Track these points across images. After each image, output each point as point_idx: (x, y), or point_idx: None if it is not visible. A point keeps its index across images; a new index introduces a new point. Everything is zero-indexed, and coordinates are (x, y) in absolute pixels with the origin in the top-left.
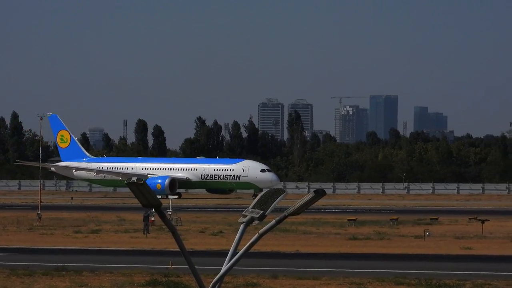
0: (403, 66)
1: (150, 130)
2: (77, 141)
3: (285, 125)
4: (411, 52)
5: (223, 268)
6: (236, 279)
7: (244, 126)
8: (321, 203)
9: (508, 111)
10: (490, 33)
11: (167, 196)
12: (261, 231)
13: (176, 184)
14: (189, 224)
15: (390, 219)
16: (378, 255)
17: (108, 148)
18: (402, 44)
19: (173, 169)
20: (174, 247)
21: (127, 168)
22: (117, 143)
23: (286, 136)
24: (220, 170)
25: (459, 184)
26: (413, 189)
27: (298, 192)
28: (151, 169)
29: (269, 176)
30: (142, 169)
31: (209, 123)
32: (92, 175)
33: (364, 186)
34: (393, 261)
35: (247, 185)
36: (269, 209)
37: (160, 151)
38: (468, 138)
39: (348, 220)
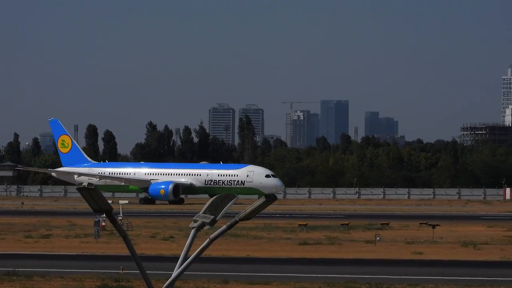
0: (354, 71)
1: (100, 135)
2: (78, 146)
3: (236, 130)
4: (362, 57)
5: (174, 273)
6: (187, 284)
7: (195, 131)
8: (272, 208)
9: (459, 116)
10: (440, 37)
11: (169, 202)
12: (212, 236)
13: (179, 190)
14: (140, 229)
15: (341, 224)
16: (328, 260)
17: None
18: (353, 49)
19: (176, 174)
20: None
21: (129, 174)
22: None
23: (237, 141)
24: (224, 175)
25: (410, 189)
26: (364, 194)
27: (249, 198)
28: (154, 174)
29: (274, 181)
30: (145, 174)
31: (160, 128)
32: (94, 180)
33: (315, 191)
34: (344, 266)
35: (252, 190)
36: (220, 214)
37: (111, 156)
38: (419, 143)
39: (299, 225)
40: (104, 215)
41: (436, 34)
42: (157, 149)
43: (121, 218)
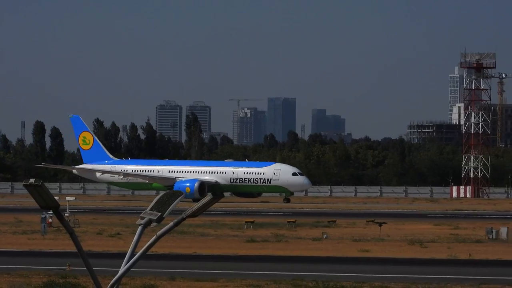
0: (301, 69)
1: (48, 132)
2: (100, 143)
3: (183, 127)
4: (309, 55)
5: (121, 270)
6: (133, 280)
7: (142, 128)
8: (219, 205)
9: (406, 114)
10: (388, 35)
11: (192, 200)
12: (159, 233)
13: (205, 188)
14: (87, 225)
15: (288, 222)
16: (275, 257)
17: (5, 150)
18: (299, 46)
19: (201, 172)
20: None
21: (153, 171)
22: (15, 145)
23: (184, 138)
24: (250, 173)
25: (357, 186)
26: (311, 192)
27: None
28: (178, 172)
29: (301, 179)
30: (169, 171)
31: (107, 125)
32: (116, 177)
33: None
34: (291, 263)
35: (278, 188)
36: (167, 211)
37: (58, 153)
38: (366, 141)
39: (246, 222)
40: (51, 212)
41: (384, 32)
42: (104, 146)
43: (68, 214)
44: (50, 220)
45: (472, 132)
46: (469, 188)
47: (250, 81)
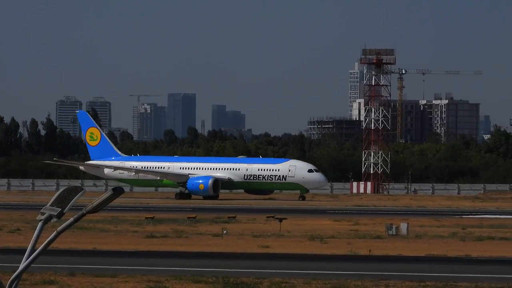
0: (201, 64)
1: None
2: (108, 139)
3: None
4: (208, 50)
5: (21, 266)
6: (33, 276)
7: (42, 124)
8: (119, 201)
9: (306, 110)
10: (288, 30)
11: (204, 197)
12: (59, 228)
13: (219, 185)
14: None
15: (188, 217)
16: (175, 253)
17: None
18: (199, 41)
19: (213, 168)
20: None
21: (164, 168)
22: None
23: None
24: (264, 170)
25: None
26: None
27: (96, 190)
28: (191, 168)
29: (317, 176)
30: (180, 168)
31: (7, 120)
32: (125, 174)
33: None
34: (191, 259)
35: (294, 185)
36: (67, 207)
37: None
38: (266, 137)
39: (146, 218)
40: None
41: (284, 28)
42: (4, 141)
43: None
44: None
45: (372, 128)
46: (369, 183)
47: (150, 76)
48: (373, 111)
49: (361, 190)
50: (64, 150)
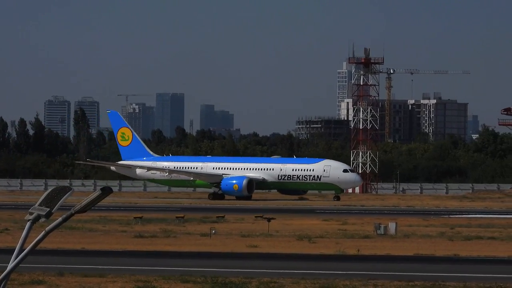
0: (189, 64)
1: None
2: (139, 139)
3: (72, 123)
4: (196, 50)
5: (9, 266)
6: (22, 276)
7: (30, 124)
8: (107, 201)
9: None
10: (275, 31)
11: (236, 198)
12: (47, 228)
13: (253, 185)
14: None
15: (176, 217)
16: (164, 253)
17: None
18: (187, 41)
19: (246, 169)
20: None
21: (196, 168)
22: None
23: (72, 133)
24: (299, 170)
25: None
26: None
27: (84, 190)
28: (224, 168)
29: (352, 176)
30: (213, 168)
31: None
32: (157, 174)
33: (150, 184)
34: (179, 258)
35: (329, 186)
36: (56, 207)
37: None
38: (255, 136)
39: (134, 217)
40: None
41: (272, 27)
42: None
43: None
44: None
45: (361, 128)
46: None
47: (138, 76)
48: (361, 110)
49: (350, 190)
50: (53, 150)
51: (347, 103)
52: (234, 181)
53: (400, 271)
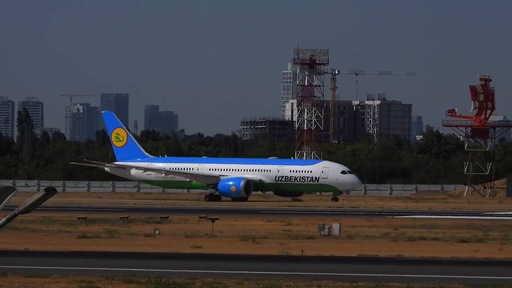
0: (133, 65)
1: None
2: (134, 140)
3: (15, 123)
4: (141, 51)
5: None
6: None
7: None
8: (51, 201)
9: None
10: (220, 31)
11: (232, 199)
12: None
13: (251, 186)
14: None
15: (120, 218)
16: (108, 253)
17: None
18: (131, 42)
19: (243, 170)
20: None
21: (192, 169)
22: None
23: (16, 133)
24: (297, 171)
25: None
26: (143, 188)
27: (28, 190)
28: (220, 170)
29: (351, 178)
30: (209, 169)
31: None
32: (153, 175)
33: (94, 184)
34: (123, 259)
35: (327, 187)
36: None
37: None
38: (199, 137)
39: (78, 218)
40: None
41: (216, 27)
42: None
43: None
44: None
45: (305, 129)
46: None
47: (82, 76)
48: (305, 111)
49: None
50: None
51: (292, 104)
52: (231, 183)
53: (344, 271)
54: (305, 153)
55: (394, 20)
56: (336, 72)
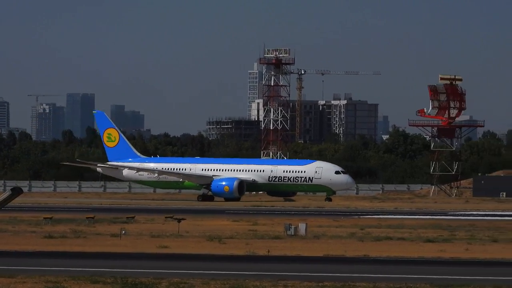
0: (99, 64)
1: None
2: (126, 140)
3: None
4: (107, 50)
5: None
6: None
7: None
8: (17, 201)
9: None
10: (186, 31)
11: (225, 199)
12: None
13: (244, 187)
14: None
15: (87, 218)
16: (74, 253)
17: None
18: (96, 42)
19: (237, 170)
20: None
21: (185, 169)
22: None
23: None
24: (290, 171)
25: None
26: (110, 188)
27: None
28: (213, 170)
29: (344, 178)
30: (202, 169)
31: None
32: (145, 175)
33: (60, 184)
34: (89, 259)
35: (320, 187)
36: None
37: None
38: (166, 137)
39: (44, 218)
40: None
41: (182, 26)
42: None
43: None
44: None
45: (271, 128)
46: None
47: (48, 76)
48: (272, 111)
49: None
50: None
51: (258, 103)
52: (225, 183)
53: (310, 271)
54: (271, 153)
55: (360, 20)
56: (302, 72)
